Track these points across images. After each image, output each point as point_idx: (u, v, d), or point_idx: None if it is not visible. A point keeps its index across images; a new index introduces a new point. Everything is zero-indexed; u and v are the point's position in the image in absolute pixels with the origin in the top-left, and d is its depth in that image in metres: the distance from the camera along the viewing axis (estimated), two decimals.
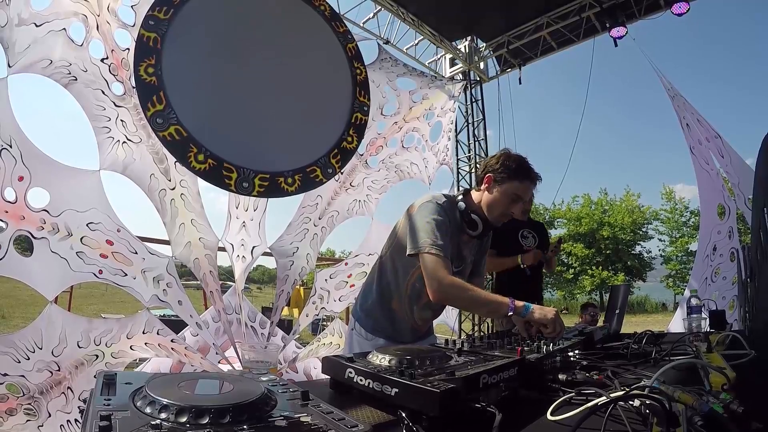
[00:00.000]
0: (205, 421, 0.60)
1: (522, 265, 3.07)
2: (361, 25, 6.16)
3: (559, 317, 1.52)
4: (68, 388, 2.78)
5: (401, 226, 1.78)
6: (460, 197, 1.80)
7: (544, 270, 3.44)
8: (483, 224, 1.74)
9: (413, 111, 4.90)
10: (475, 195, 1.80)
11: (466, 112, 7.61)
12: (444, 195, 1.79)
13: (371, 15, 6.33)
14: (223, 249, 3.80)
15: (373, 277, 1.91)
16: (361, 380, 0.90)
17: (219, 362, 3.58)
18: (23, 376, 2.57)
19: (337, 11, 3.99)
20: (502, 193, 1.71)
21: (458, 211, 1.76)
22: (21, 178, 2.57)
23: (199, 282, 3.64)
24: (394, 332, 1.83)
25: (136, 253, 3.10)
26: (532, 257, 3.08)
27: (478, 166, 7.57)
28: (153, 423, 0.57)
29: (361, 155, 4.40)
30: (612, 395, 0.79)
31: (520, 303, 1.54)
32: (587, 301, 5.81)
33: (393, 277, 1.82)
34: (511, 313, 1.54)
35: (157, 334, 3.15)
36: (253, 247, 3.87)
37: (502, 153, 1.78)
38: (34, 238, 2.64)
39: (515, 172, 1.70)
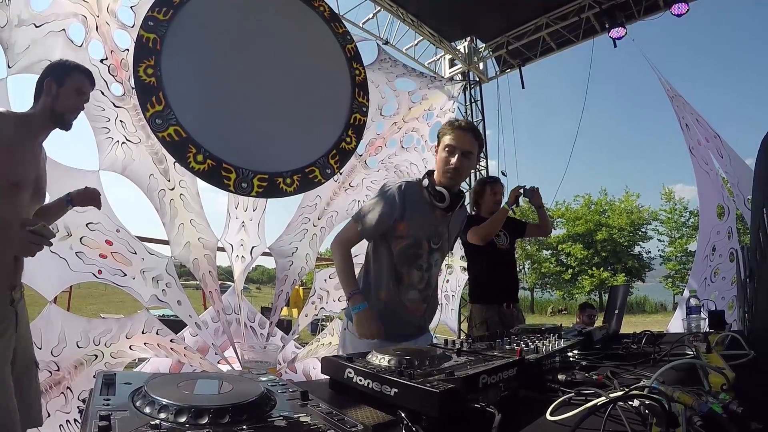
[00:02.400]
0: (205, 421, 0.60)
1: (510, 209, 3.06)
2: (361, 25, 6.15)
3: (369, 329, 1.74)
4: (67, 388, 2.78)
5: None
6: (425, 176, 1.88)
7: (535, 205, 3.28)
8: (450, 194, 1.79)
9: (412, 111, 4.91)
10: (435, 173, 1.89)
11: (466, 112, 7.60)
12: (409, 180, 1.89)
13: (371, 15, 6.33)
14: (222, 249, 3.80)
15: (361, 274, 1.94)
16: (360, 380, 0.90)
17: (218, 362, 3.58)
18: None
19: (337, 12, 3.99)
20: (440, 151, 1.80)
21: (424, 188, 1.83)
22: None
23: (198, 282, 3.64)
24: (386, 326, 1.82)
25: (136, 253, 3.10)
26: (513, 197, 3.07)
27: (477, 166, 7.57)
28: (152, 423, 0.57)
29: (361, 155, 4.40)
30: (611, 395, 0.79)
31: (356, 300, 1.77)
32: (585, 302, 5.78)
33: (377, 267, 1.85)
34: (349, 302, 1.80)
35: (157, 334, 3.15)
36: (253, 247, 3.87)
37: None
38: None
39: (446, 126, 1.82)
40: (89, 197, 2.06)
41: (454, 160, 1.75)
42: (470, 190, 3.67)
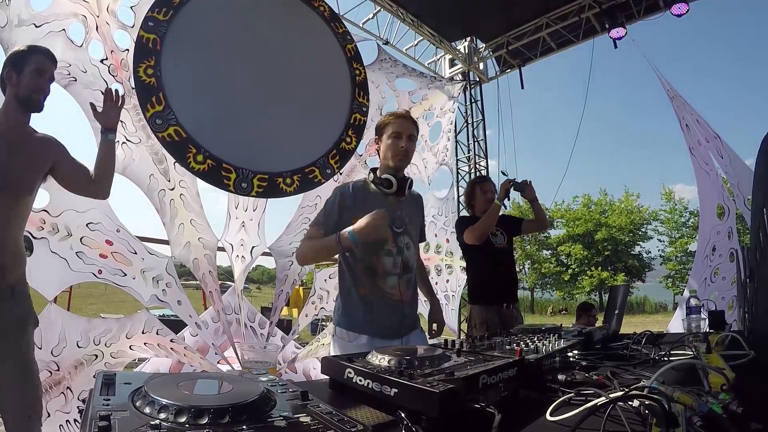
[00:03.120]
0: (205, 421, 0.60)
1: (501, 203, 3.01)
2: (361, 25, 6.15)
3: (378, 218, 1.68)
4: (67, 387, 2.78)
5: None
6: (369, 173, 2.01)
7: (525, 196, 3.20)
8: (396, 179, 1.89)
9: (412, 111, 4.85)
10: (378, 164, 2.02)
11: (466, 112, 7.60)
12: (351, 181, 2.05)
13: (371, 15, 6.33)
14: (222, 249, 3.80)
15: (340, 283, 1.98)
16: (360, 380, 0.90)
17: (218, 362, 3.58)
18: None
19: (337, 12, 3.99)
20: (386, 138, 1.93)
21: (370, 183, 1.95)
22: None
23: (198, 282, 3.64)
24: (375, 319, 1.84)
25: (136, 253, 3.10)
26: (503, 192, 3.05)
27: (477, 166, 7.57)
28: (152, 423, 0.57)
29: (361, 156, 4.40)
30: (611, 396, 0.79)
31: (343, 233, 1.72)
32: (585, 302, 5.75)
33: (349, 267, 1.89)
34: (342, 244, 1.72)
35: (157, 334, 3.15)
36: (253, 247, 3.87)
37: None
38: (34, 238, 2.64)
39: (387, 117, 1.97)
40: (112, 107, 2.10)
41: (402, 143, 1.90)
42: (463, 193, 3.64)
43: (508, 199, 3.08)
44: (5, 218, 1.80)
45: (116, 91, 2.12)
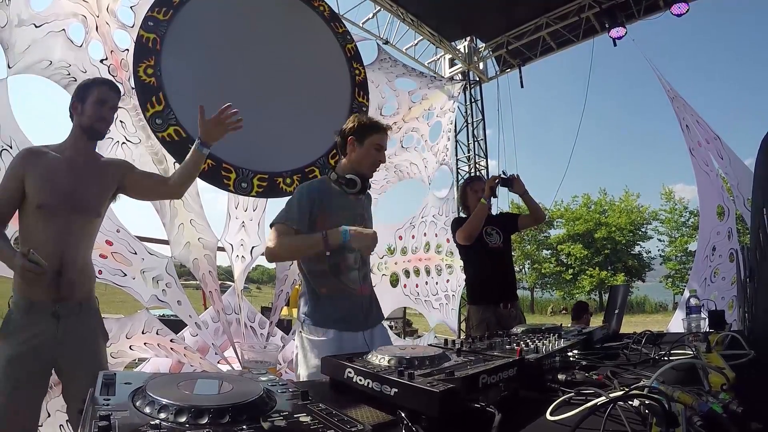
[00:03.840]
0: (205, 421, 0.60)
1: (487, 202, 3.01)
2: (361, 25, 6.15)
3: (375, 236, 1.79)
4: None
5: None
6: (330, 172, 2.04)
7: (514, 191, 3.15)
8: (360, 179, 1.94)
9: (412, 111, 4.90)
10: (343, 162, 2.03)
11: (466, 112, 7.61)
12: (311, 181, 2.07)
13: (371, 15, 6.33)
14: (222, 249, 3.80)
15: (302, 285, 2.01)
16: (360, 380, 0.90)
17: (218, 362, 3.58)
18: None
19: (336, 12, 3.99)
20: (367, 147, 1.97)
21: (333, 182, 1.98)
22: None
23: (198, 282, 3.64)
24: (340, 314, 1.88)
25: (136, 253, 3.10)
26: (488, 190, 3.03)
27: (477, 166, 7.57)
28: (152, 423, 0.57)
29: None
30: (611, 395, 0.79)
31: (333, 231, 1.74)
32: (580, 302, 5.70)
33: (312, 268, 1.93)
34: (329, 241, 1.73)
35: (157, 334, 3.15)
36: (253, 247, 3.87)
37: (354, 117, 2.07)
38: None
39: (371, 127, 1.99)
40: (219, 122, 2.05)
41: (382, 157, 2.01)
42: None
43: (495, 197, 3.07)
44: (77, 237, 1.89)
45: (232, 112, 2.08)
